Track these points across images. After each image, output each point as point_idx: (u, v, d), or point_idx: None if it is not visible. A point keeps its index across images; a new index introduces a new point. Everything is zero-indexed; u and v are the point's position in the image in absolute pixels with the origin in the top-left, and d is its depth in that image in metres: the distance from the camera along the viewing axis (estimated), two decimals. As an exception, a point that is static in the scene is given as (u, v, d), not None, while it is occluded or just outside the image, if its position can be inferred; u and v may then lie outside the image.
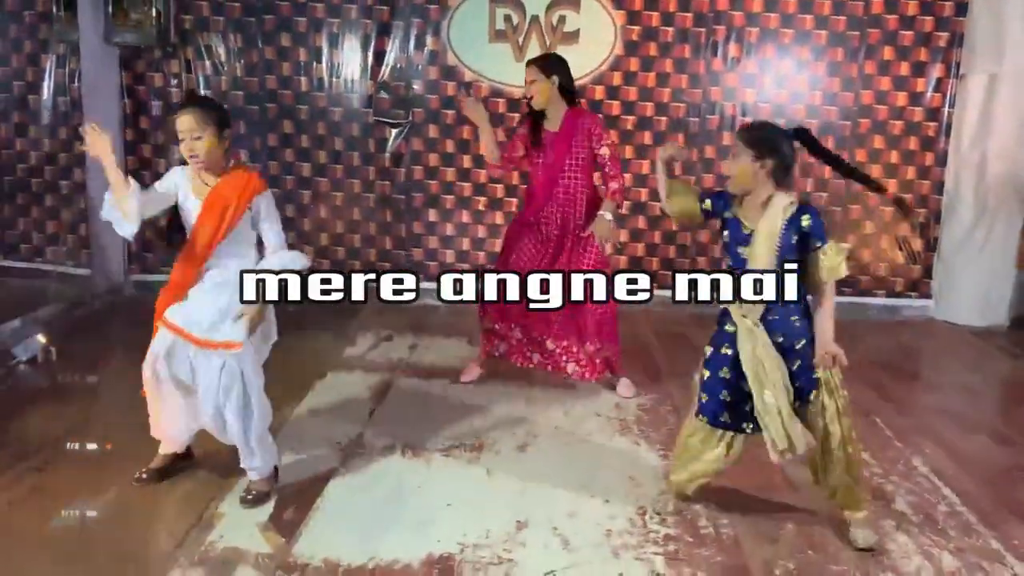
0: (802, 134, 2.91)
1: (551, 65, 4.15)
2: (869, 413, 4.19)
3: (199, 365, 3.03)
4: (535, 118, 4.21)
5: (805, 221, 2.78)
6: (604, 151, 4.13)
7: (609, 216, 4.12)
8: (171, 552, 2.81)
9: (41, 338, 4.71)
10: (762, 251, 2.80)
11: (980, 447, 3.95)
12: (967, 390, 4.80)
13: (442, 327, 5.67)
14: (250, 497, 3.15)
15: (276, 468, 3.28)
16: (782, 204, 2.80)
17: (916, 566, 2.87)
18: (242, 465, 3.18)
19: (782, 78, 6.10)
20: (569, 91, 4.17)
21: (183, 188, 3.04)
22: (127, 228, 2.91)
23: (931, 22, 5.97)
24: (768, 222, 2.80)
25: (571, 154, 4.13)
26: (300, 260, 3.07)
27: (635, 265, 6.34)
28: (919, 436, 3.95)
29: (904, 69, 6.04)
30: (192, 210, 3.03)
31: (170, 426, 3.20)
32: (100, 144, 2.86)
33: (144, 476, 3.23)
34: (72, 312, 5.63)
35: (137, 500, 3.14)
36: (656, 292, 6.24)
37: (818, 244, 2.79)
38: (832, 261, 2.77)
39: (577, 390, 4.44)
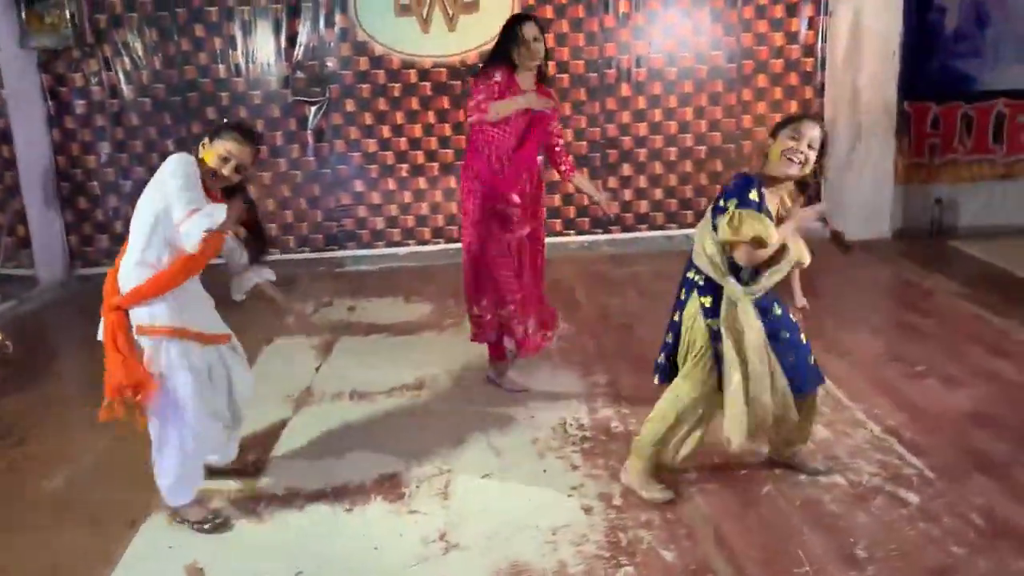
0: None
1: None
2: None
3: (232, 365, 3.08)
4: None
5: None
6: (559, 127, 4.01)
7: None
8: (151, 498, 3.18)
9: (-4, 333, 4.97)
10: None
11: (857, 340, 4.53)
12: (848, 294, 5.39)
13: (377, 289, 6.08)
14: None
15: None
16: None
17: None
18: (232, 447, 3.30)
19: (670, 28, 6.57)
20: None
21: None
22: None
23: (800, -36, 6.51)
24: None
25: (541, 125, 3.85)
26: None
27: (552, 215, 6.78)
28: (805, 334, 4.47)
29: (779, 11, 6.56)
30: None
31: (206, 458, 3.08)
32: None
33: (217, 521, 3.02)
34: (21, 309, 5.88)
35: (112, 460, 3.50)
36: (574, 238, 6.83)
37: None
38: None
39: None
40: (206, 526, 2.97)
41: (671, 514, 2.88)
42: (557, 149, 3.99)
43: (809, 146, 2.70)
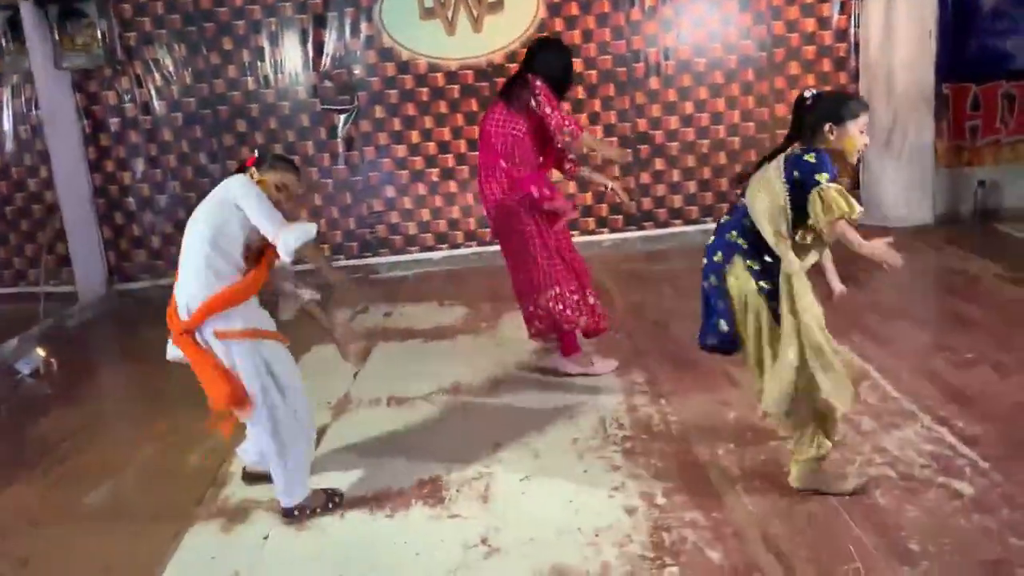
0: None
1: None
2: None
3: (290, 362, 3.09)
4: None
5: None
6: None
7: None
8: (193, 509, 3.21)
9: (40, 352, 5.05)
10: None
11: (899, 331, 4.42)
12: (892, 285, 5.24)
13: (412, 294, 6.07)
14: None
15: None
16: None
17: (839, 430, 3.30)
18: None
19: (698, 19, 6.49)
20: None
21: None
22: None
23: (829, -52, 6.39)
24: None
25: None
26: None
27: (585, 213, 6.74)
28: (849, 327, 4.33)
29: (809, -4, 6.45)
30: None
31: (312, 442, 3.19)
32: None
33: (336, 499, 3.14)
34: (63, 326, 5.96)
35: (155, 473, 3.53)
36: (607, 236, 6.77)
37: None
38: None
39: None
40: (330, 505, 3.07)
41: (717, 513, 2.82)
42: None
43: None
